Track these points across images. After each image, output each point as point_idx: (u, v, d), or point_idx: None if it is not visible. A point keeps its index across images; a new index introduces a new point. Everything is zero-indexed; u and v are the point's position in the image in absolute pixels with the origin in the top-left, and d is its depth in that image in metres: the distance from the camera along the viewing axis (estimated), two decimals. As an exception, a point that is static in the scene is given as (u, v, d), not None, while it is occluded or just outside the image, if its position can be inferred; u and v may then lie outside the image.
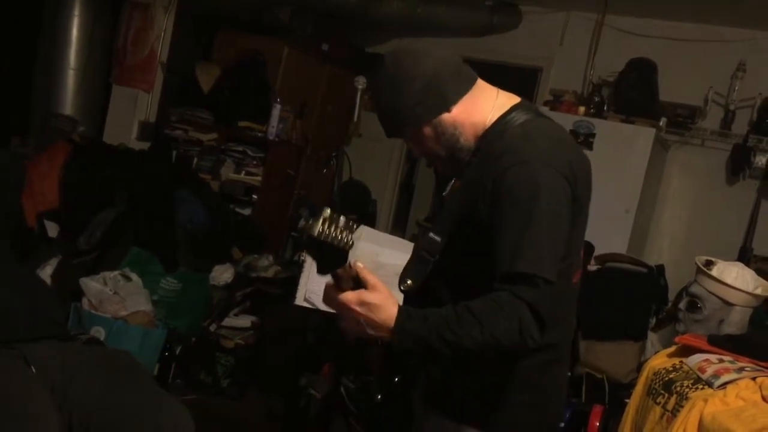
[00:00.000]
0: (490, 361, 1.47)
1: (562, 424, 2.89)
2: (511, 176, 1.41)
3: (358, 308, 1.37)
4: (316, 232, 1.29)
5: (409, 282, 1.52)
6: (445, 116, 1.53)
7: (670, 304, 3.84)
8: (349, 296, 1.38)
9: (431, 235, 1.53)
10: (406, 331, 1.37)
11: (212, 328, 3.83)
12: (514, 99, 1.59)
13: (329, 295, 1.42)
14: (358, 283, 1.38)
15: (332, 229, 1.30)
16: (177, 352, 3.58)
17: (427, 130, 1.54)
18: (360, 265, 1.39)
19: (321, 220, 1.30)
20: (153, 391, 2.20)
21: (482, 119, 1.55)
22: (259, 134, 4.64)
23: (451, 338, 1.34)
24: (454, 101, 1.54)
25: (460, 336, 1.34)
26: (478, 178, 1.48)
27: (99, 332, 3.23)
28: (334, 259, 1.34)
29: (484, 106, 1.56)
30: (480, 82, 1.59)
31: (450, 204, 1.58)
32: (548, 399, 1.61)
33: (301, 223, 1.39)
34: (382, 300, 1.37)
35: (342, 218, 1.32)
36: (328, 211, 1.32)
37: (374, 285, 1.38)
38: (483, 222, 1.45)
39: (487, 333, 1.33)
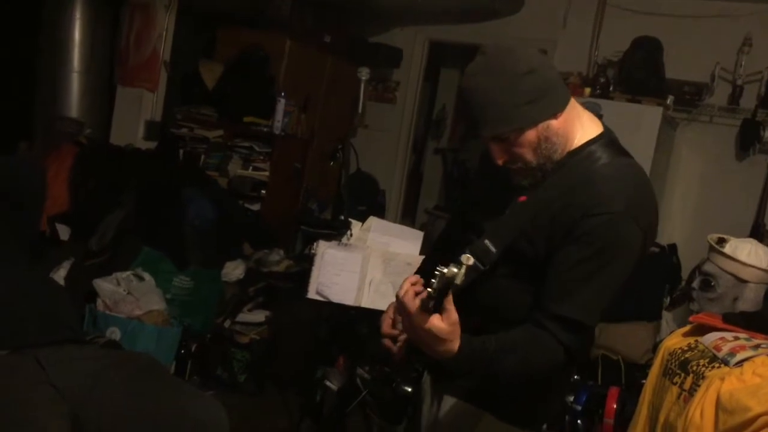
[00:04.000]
0: None
1: (579, 407, 2.90)
2: (599, 223, 1.40)
3: (423, 333, 1.34)
4: (459, 281, 1.24)
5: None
6: (554, 122, 1.45)
7: (683, 282, 3.83)
8: (423, 322, 1.33)
9: (486, 243, 1.49)
10: (458, 368, 1.43)
11: (226, 324, 3.85)
12: (598, 125, 1.54)
13: (407, 309, 1.36)
14: (435, 306, 1.33)
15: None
16: (192, 349, 3.60)
17: (531, 134, 1.44)
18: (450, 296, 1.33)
19: (464, 270, 1.24)
20: (182, 389, 2.21)
21: (573, 137, 1.49)
22: (265, 129, 4.64)
23: (493, 374, 1.46)
24: (563, 107, 1.46)
25: (501, 375, 1.46)
26: (557, 204, 1.44)
27: (114, 333, 3.26)
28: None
29: (575, 122, 1.50)
30: (572, 98, 1.52)
31: (514, 217, 1.51)
32: (561, 386, 1.68)
33: (449, 271, 1.29)
34: (449, 335, 1.34)
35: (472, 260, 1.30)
36: (472, 260, 1.28)
37: (450, 318, 1.32)
38: (549, 250, 1.45)
39: (526, 370, 1.46)
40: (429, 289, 1.29)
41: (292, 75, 4.88)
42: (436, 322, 1.31)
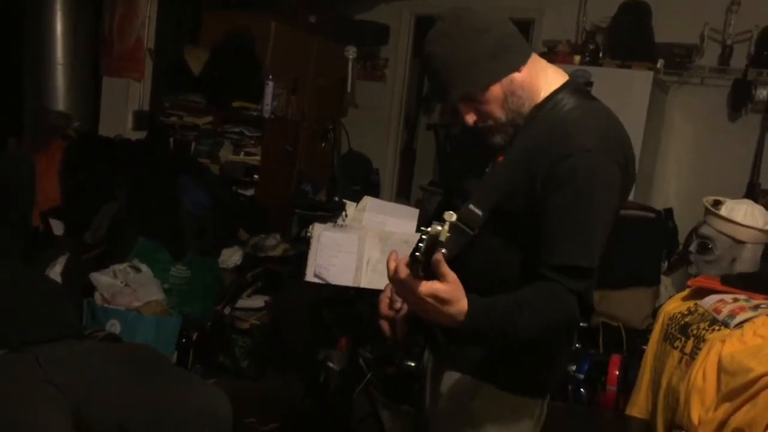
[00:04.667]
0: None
1: (582, 376, 2.90)
2: (572, 164, 1.39)
3: (429, 299, 1.31)
4: (444, 238, 1.22)
5: (444, 251, 1.44)
6: (517, 76, 1.46)
7: (680, 246, 3.83)
8: (422, 288, 1.29)
9: (471, 207, 1.48)
10: (473, 329, 1.36)
11: (226, 311, 3.85)
12: (563, 75, 1.55)
13: (398, 278, 1.32)
14: (428, 271, 1.29)
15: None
16: (193, 338, 3.59)
17: (497, 90, 1.46)
18: (440, 256, 1.28)
19: (447, 227, 1.22)
20: (183, 378, 2.20)
21: (538, 90, 1.50)
22: (254, 113, 4.61)
23: (512, 333, 1.40)
24: (524, 61, 1.48)
25: (520, 331, 1.40)
26: (531, 156, 1.44)
27: (114, 325, 3.25)
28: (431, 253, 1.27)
29: (540, 75, 1.51)
30: (533, 52, 1.52)
31: (494, 177, 1.51)
32: (560, 353, 1.65)
33: (433, 229, 1.25)
34: (453, 294, 1.31)
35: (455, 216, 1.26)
36: (454, 216, 1.24)
37: (448, 279, 1.30)
38: (532, 204, 1.44)
39: (545, 327, 1.43)
40: (416, 253, 1.25)
41: (279, 57, 4.83)
42: (437, 285, 1.29)
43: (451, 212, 1.23)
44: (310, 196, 4.77)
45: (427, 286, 1.29)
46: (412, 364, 1.66)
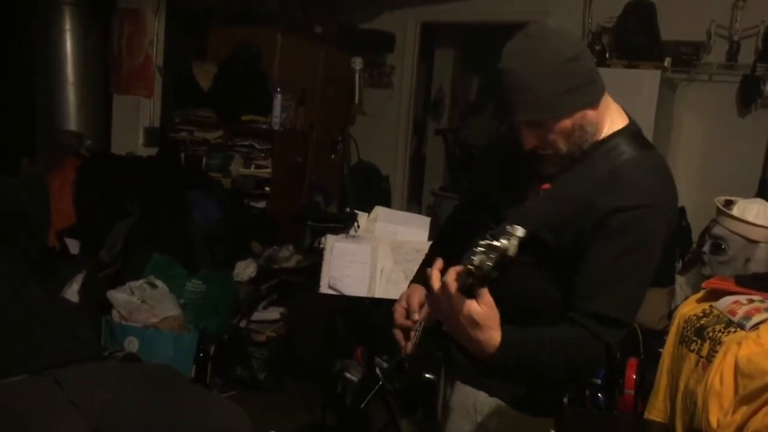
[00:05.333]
0: None
1: (599, 380, 2.90)
2: (629, 217, 1.38)
3: (462, 318, 1.29)
4: (513, 252, 1.20)
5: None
6: (590, 112, 1.42)
7: (694, 245, 3.82)
8: (463, 304, 1.28)
9: (508, 229, 1.48)
10: (501, 363, 1.35)
11: (242, 324, 3.87)
12: (624, 116, 1.52)
13: (447, 290, 1.29)
14: (468, 288, 1.28)
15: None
16: (211, 352, 3.61)
17: (568, 122, 1.40)
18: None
19: (516, 241, 1.20)
20: (202, 397, 2.22)
21: (603, 128, 1.47)
22: (264, 126, 4.63)
23: (538, 371, 1.41)
24: (600, 98, 1.43)
25: (546, 370, 1.41)
26: (587, 197, 1.42)
27: (132, 342, 3.28)
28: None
29: (607, 114, 1.47)
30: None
31: (538, 204, 1.48)
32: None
33: (501, 243, 1.22)
34: (486, 319, 1.29)
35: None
36: (521, 230, 1.21)
37: (486, 302, 1.28)
38: (575, 243, 1.42)
39: (568, 369, 1.43)
40: (470, 266, 1.21)
41: (286, 69, 4.86)
42: (473, 306, 1.27)
43: (516, 226, 1.21)
44: (321, 207, 4.79)
45: (466, 303, 1.27)
46: (432, 377, 1.66)
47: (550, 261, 1.47)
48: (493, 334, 1.30)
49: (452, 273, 1.29)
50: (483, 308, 1.27)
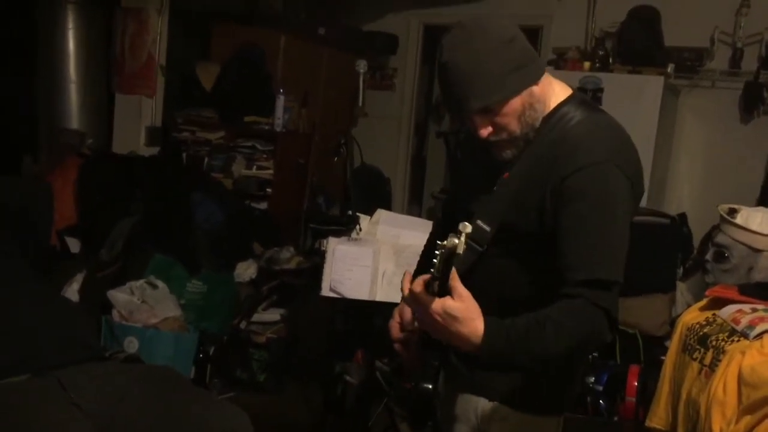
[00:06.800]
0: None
1: (601, 388, 2.90)
2: (585, 177, 1.38)
3: (439, 318, 1.28)
4: (461, 250, 1.20)
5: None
6: (535, 88, 1.44)
7: (695, 251, 3.82)
8: (434, 305, 1.28)
9: (479, 223, 1.46)
10: (493, 351, 1.32)
11: (242, 325, 3.86)
12: (567, 88, 1.53)
13: (414, 296, 1.31)
14: (443, 288, 1.28)
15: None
16: (211, 353, 3.61)
17: (516, 102, 1.41)
18: (454, 273, 1.27)
19: (464, 238, 1.20)
20: (204, 399, 2.22)
21: (549, 103, 1.48)
22: (266, 127, 4.63)
23: (538, 352, 1.35)
24: (542, 73, 1.45)
25: (547, 350, 1.34)
26: (539, 171, 1.43)
27: (132, 342, 3.27)
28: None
29: (549, 88, 1.49)
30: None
31: (501, 193, 1.49)
32: (578, 369, 1.66)
33: (449, 242, 1.22)
34: (465, 312, 1.28)
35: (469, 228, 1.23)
36: (469, 227, 1.21)
37: (461, 294, 1.28)
38: (543, 220, 1.42)
39: (570, 343, 1.36)
40: (432, 270, 1.24)
41: (290, 70, 4.86)
42: (448, 302, 1.27)
43: (466, 223, 1.21)
44: (323, 209, 4.79)
45: (438, 303, 1.27)
46: (429, 386, 1.65)
47: (524, 247, 1.46)
48: (476, 324, 1.29)
49: (419, 280, 1.31)
50: (458, 302, 1.27)
